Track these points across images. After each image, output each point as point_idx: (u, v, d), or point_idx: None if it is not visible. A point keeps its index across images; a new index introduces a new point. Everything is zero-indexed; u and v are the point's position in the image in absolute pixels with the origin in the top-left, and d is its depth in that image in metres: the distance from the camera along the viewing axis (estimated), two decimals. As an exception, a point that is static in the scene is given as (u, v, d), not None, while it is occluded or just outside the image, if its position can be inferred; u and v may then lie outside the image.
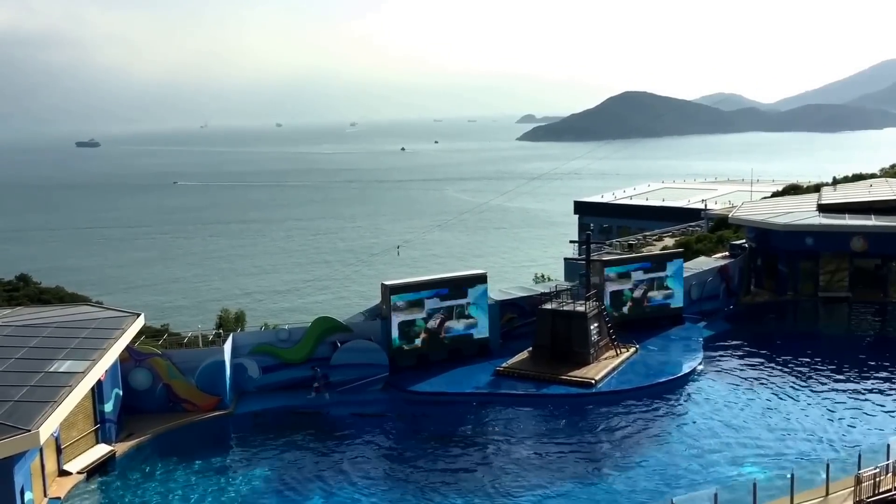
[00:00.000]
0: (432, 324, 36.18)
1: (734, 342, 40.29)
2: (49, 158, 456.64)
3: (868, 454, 23.09)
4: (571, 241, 48.90)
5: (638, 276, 41.23)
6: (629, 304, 41.05)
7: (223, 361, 31.76)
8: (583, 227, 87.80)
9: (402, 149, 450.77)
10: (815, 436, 28.40)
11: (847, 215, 49.41)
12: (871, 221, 47.84)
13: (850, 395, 32.36)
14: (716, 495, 20.92)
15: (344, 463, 27.53)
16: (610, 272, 40.68)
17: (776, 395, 32.63)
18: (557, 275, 56.76)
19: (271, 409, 31.99)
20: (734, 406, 31.54)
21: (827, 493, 22.37)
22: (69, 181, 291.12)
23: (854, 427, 29.11)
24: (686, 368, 35.32)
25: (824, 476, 22.54)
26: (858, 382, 33.90)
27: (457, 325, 36.59)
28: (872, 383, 33.71)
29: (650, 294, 41.47)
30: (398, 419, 31.85)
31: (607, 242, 61.12)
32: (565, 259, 53.62)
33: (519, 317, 39.30)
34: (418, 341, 35.88)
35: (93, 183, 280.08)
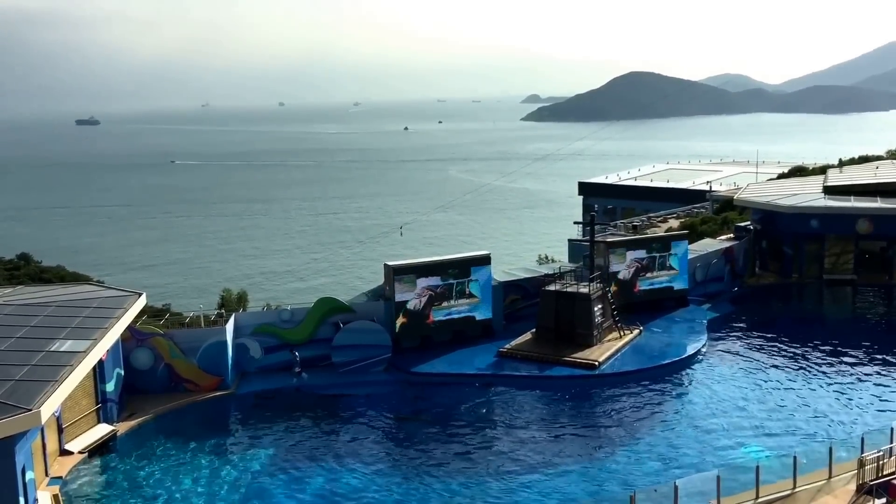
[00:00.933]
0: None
1: (738, 324, 40.21)
2: (49, 136, 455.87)
3: (871, 437, 22.99)
4: (575, 223, 48.46)
5: (639, 255, 40.99)
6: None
7: (225, 342, 31.74)
8: (587, 209, 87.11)
9: (406, 129, 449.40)
10: (819, 418, 28.32)
11: (853, 197, 49.26)
12: (877, 204, 47.70)
13: (854, 378, 32.27)
14: (718, 477, 20.91)
15: (344, 444, 27.52)
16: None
17: (780, 377, 32.53)
18: (561, 256, 56.56)
19: (273, 389, 31.97)
20: (738, 388, 31.45)
21: (830, 476, 22.34)
22: (69, 159, 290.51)
23: (858, 409, 29.01)
24: (690, 350, 35.24)
25: (827, 458, 22.46)
26: (862, 365, 33.78)
27: (458, 307, 36.38)
28: (876, 366, 33.60)
29: (653, 275, 41.22)
30: (400, 400, 31.76)
31: (611, 224, 60.84)
32: (569, 240, 53.33)
33: (522, 298, 39.17)
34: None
35: (92, 161, 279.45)
